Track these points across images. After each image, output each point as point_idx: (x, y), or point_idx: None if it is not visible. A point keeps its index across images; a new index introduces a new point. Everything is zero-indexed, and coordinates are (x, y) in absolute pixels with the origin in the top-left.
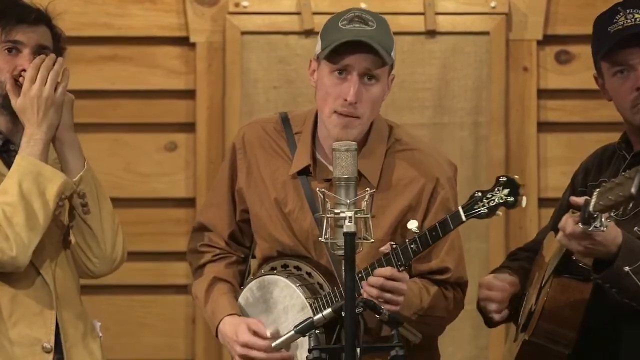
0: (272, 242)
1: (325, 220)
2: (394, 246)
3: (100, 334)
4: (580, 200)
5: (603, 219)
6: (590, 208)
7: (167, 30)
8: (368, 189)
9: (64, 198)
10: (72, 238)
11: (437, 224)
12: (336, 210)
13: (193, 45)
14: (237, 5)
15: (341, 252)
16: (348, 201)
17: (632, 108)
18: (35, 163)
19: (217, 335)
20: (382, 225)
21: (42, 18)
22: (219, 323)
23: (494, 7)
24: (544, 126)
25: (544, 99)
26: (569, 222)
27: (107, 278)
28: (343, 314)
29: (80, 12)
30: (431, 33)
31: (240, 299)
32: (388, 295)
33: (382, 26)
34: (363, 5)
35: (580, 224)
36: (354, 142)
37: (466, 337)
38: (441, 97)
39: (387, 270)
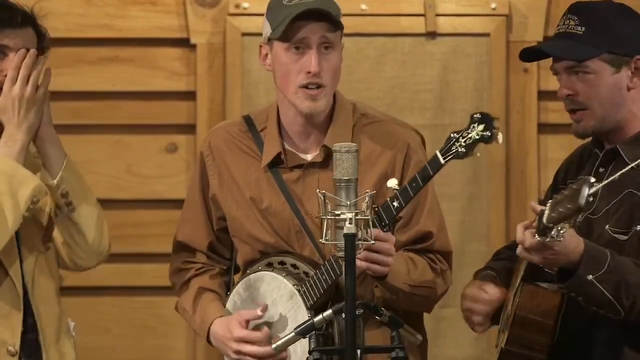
0: (253, 243)
1: (325, 222)
2: (376, 208)
3: (74, 334)
4: (538, 208)
5: (559, 229)
6: (544, 220)
7: (168, 31)
8: (368, 190)
9: (36, 201)
10: (54, 238)
11: (416, 174)
12: (337, 212)
13: (193, 46)
14: (237, 6)
15: (341, 254)
16: (349, 202)
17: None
18: (11, 164)
19: (208, 340)
20: None
21: (28, 20)
22: (209, 327)
23: (494, 9)
24: (544, 127)
25: (545, 101)
26: (527, 235)
27: (109, 279)
28: (344, 315)
29: (81, 14)
30: (432, 34)
31: (228, 305)
32: (375, 256)
33: None
34: (363, 7)
35: (536, 236)
36: (354, 144)
37: (467, 339)
38: (442, 98)
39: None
